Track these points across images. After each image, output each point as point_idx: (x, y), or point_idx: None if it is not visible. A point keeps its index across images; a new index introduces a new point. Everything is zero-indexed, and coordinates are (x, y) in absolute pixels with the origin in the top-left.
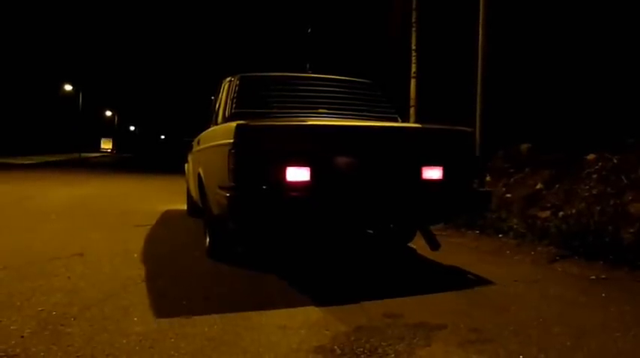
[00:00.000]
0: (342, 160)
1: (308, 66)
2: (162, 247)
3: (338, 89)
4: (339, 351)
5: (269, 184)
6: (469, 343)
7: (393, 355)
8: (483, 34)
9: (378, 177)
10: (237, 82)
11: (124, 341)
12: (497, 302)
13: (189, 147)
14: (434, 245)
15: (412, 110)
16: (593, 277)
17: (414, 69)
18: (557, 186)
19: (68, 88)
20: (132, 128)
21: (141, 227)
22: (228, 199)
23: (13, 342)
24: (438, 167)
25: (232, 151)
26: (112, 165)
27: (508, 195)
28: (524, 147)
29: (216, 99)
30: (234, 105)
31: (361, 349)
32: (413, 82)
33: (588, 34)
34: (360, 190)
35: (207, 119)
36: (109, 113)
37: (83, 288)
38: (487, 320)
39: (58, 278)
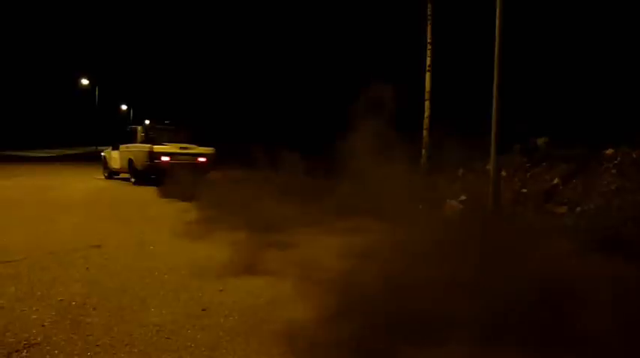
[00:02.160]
0: (176, 156)
1: (167, 122)
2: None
3: (183, 132)
4: None
5: (156, 161)
6: (485, 340)
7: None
8: (499, 26)
9: (185, 161)
10: (146, 127)
11: (142, 331)
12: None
13: (115, 148)
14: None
15: (427, 104)
16: (611, 274)
17: (428, 62)
18: (574, 181)
19: (85, 82)
20: (147, 122)
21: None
22: (144, 165)
23: (34, 331)
24: (204, 158)
25: (147, 152)
26: None
27: (524, 190)
28: (541, 141)
29: (135, 131)
30: (145, 136)
31: None
32: (427, 75)
33: (606, 28)
34: (180, 165)
35: (126, 136)
36: (124, 107)
37: (101, 279)
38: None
39: (77, 269)
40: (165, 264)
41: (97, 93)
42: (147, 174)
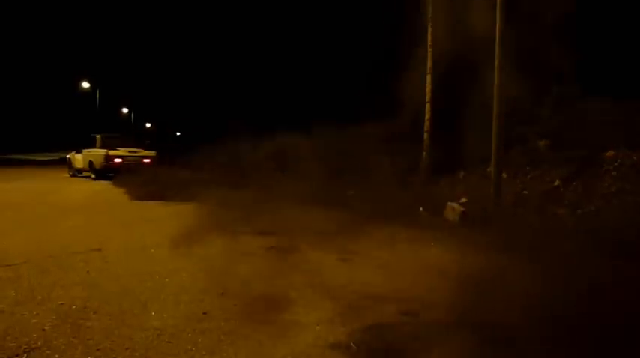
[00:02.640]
0: (126, 158)
1: (118, 133)
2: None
3: (132, 139)
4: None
5: (110, 162)
6: (488, 341)
7: (409, 353)
8: (500, 27)
9: (133, 161)
10: (103, 136)
11: (143, 335)
12: (516, 301)
13: (78, 151)
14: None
15: (427, 106)
16: (613, 276)
17: (429, 64)
18: (574, 183)
19: (86, 85)
20: (148, 125)
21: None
22: (101, 165)
23: (34, 335)
24: (148, 159)
25: (104, 155)
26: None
27: (525, 192)
28: (542, 143)
29: (95, 138)
30: (102, 144)
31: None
32: (428, 77)
33: (606, 27)
34: (129, 165)
35: (88, 143)
36: (125, 110)
37: (102, 283)
38: (507, 318)
39: (78, 273)
40: (166, 267)
41: (97, 96)
42: (104, 172)
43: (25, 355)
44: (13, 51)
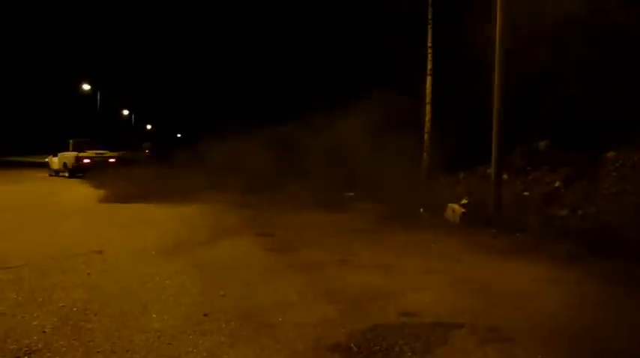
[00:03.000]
0: (94, 159)
1: (88, 138)
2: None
3: (99, 143)
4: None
5: (80, 162)
6: (487, 342)
7: (409, 354)
8: (500, 29)
9: (100, 161)
10: (74, 141)
11: (143, 337)
12: (516, 301)
13: (55, 155)
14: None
15: (428, 107)
16: (614, 277)
17: (429, 66)
18: (575, 184)
19: (86, 87)
20: (148, 127)
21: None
22: (73, 165)
23: (35, 337)
24: (113, 159)
25: (75, 157)
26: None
27: (526, 193)
28: (543, 144)
29: (69, 143)
30: (74, 147)
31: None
32: (428, 79)
33: (606, 29)
34: (97, 164)
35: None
36: (125, 112)
37: (102, 285)
38: (506, 319)
39: (78, 275)
40: (166, 268)
41: (98, 98)
42: (76, 171)
43: (26, 357)
44: (13, 53)
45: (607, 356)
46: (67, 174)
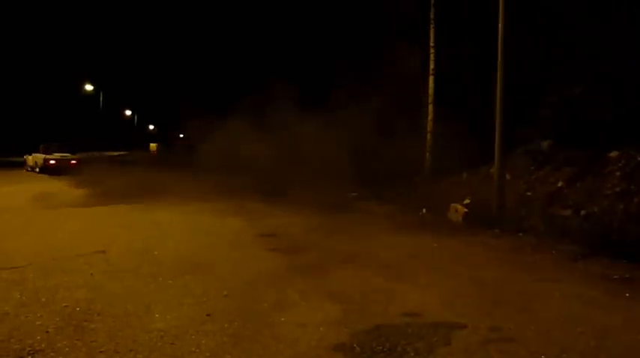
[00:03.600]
0: (58, 160)
1: (56, 143)
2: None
3: (65, 147)
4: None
5: (47, 163)
6: (490, 342)
7: (412, 354)
8: (502, 29)
9: (64, 163)
10: (44, 145)
11: (147, 337)
12: (519, 301)
13: (29, 154)
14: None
15: (430, 107)
16: (616, 276)
17: (432, 66)
18: (579, 184)
19: (89, 87)
20: (151, 127)
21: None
22: (41, 165)
23: (38, 337)
24: (74, 161)
25: (43, 158)
26: (131, 162)
27: (529, 193)
28: (546, 144)
29: (39, 147)
30: (43, 151)
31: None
32: (431, 79)
33: (609, 30)
34: (61, 165)
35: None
36: (128, 112)
37: (105, 285)
38: (508, 320)
39: (81, 275)
40: (169, 268)
41: (101, 98)
42: (44, 169)
43: (29, 357)
44: (16, 53)
45: (611, 355)
46: (37, 170)
